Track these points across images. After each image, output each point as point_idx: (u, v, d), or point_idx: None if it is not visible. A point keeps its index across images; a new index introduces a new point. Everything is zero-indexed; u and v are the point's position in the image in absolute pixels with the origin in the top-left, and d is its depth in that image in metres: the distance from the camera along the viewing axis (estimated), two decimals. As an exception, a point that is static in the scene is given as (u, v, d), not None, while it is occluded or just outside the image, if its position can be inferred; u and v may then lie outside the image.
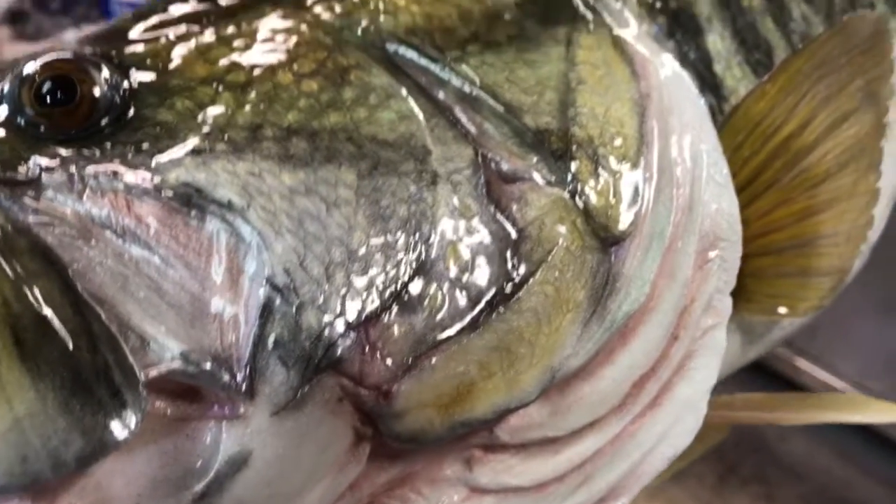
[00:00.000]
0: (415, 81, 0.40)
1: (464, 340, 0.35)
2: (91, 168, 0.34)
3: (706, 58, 0.53)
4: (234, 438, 0.33)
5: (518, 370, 0.36)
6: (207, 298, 0.33)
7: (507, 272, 0.37)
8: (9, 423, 0.28)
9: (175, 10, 0.43)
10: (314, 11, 0.42)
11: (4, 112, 0.36)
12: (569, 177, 0.39)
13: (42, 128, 0.35)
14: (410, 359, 0.35)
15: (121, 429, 0.30)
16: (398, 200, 0.36)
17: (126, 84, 0.37)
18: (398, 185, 0.36)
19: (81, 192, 0.34)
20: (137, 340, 0.32)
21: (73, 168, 0.34)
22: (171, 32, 0.40)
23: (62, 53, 0.37)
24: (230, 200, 0.34)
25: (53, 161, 0.34)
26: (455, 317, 0.35)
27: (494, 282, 0.36)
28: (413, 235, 0.36)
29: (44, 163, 0.34)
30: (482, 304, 0.36)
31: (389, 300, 0.35)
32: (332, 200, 0.35)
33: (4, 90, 0.36)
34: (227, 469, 0.33)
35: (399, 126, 0.38)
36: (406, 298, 0.35)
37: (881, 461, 1.21)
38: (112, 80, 0.36)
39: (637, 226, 0.39)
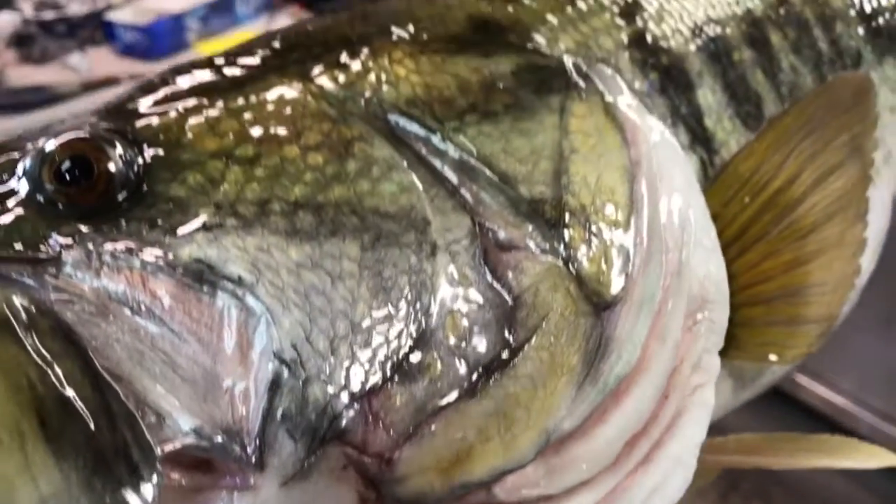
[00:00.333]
0: (415, 152, 0.41)
1: (462, 407, 0.37)
2: (108, 245, 0.36)
3: (697, 112, 0.54)
4: None
5: (515, 433, 0.38)
6: (219, 373, 0.35)
7: (504, 339, 0.38)
8: (35, 503, 0.30)
9: (185, 81, 0.44)
10: (319, 82, 0.43)
11: (25, 188, 0.38)
12: (562, 244, 0.41)
13: (61, 204, 0.37)
14: (411, 426, 0.36)
15: (139, 503, 0.32)
16: (399, 272, 0.38)
17: (140, 160, 0.39)
18: (399, 257, 0.38)
19: (99, 269, 0.36)
20: (153, 416, 0.34)
21: (91, 245, 0.36)
22: (182, 105, 0.42)
23: (79, 133, 0.39)
24: (240, 276, 0.36)
25: (72, 238, 0.36)
26: (454, 384, 0.37)
27: (492, 349, 0.38)
28: (414, 306, 0.37)
29: (63, 240, 0.36)
30: (480, 371, 0.38)
31: (391, 371, 0.36)
32: (337, 274, 0.37)
33: (26, 168, 0.38)
34: None
35: (400, 198, 0.39)
36: (407, 368, 0.37)
37: (882, 478, 1.22)
38: (127, 157, 0.38)
39: (628, 291, 0.41)
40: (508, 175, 0.42)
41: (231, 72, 0.44)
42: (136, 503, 0.32)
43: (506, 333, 0.38)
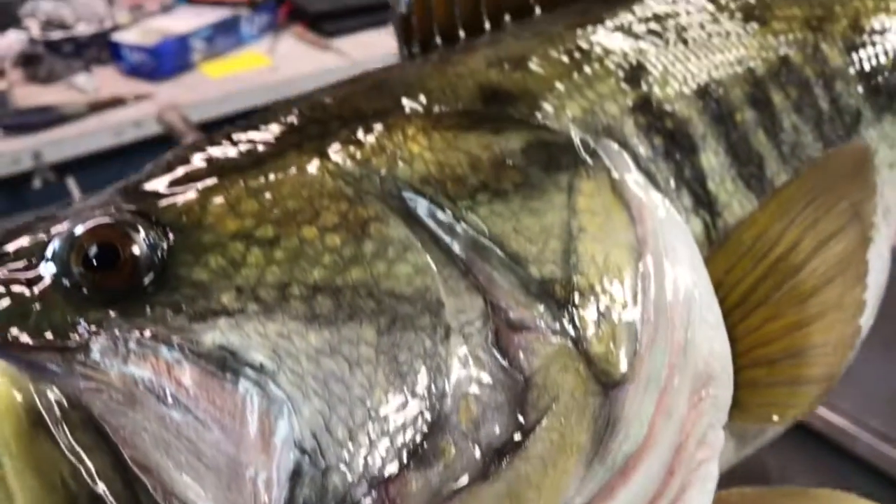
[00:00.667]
0: (429, 231, 0.42)
1: (476, 490, 0.38)
2: (135, 332, 0.37)
3: (700, 175, 0.55)
4: None
5: None
6: (242, 461, 0.36)
7: (516, 421, 0.39)
8: None
9: (205, 158, 0.45)
10: (336, 159, 0.44)
11: (53, 273, 0.39)
12: (572, 324, 0.42)
13: (88, 289, 0.38)
14: None
15: None
16: (415, 356, 0.39)
17: (164, 243, 0.40)
18: (415, 341, 0.39)
19: (126, 357, 0.37)
20: None
21: (118, 331, 0.37)
22: (203, 184, 0.43)
23: (105, 219, 0.40)
24: (262, 364, 0.37)
25: (100, 325, 0.37)
26: (467, 468, 0.38)
27: (504, 431, 0.39)
28: (429, 391, 0.38)
29: (91, 327, 0.37)
30: (493, 454, 0.39)
31: (407, 457, 0.37)
32: (355, 360, 0.38)
33: (54, 252, 0.39)
34: None
35: (415, 279, 0.41)
36: (422, 454, 0.38)
37: (883, 497, 1.23)
38: (151, 241, 0.39)
39: (635, 369, 0.42)
40: (519, 255, 0.43)
41: (251, 148, 0.46)
42: None
43: (517, 415, 0.39)
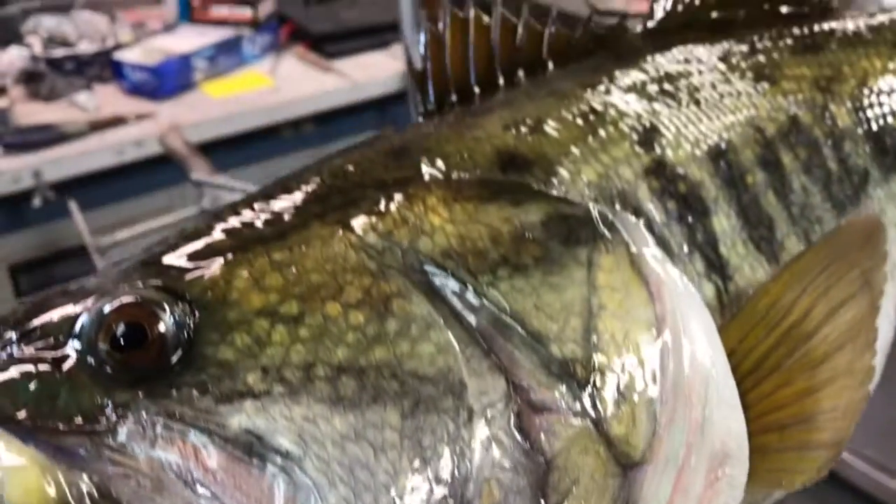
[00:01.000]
0: (451, 307, 0.43)
1: None
2: (162, 415, 0.37)
3: (713, 239, 0.56)
4: None
5: None
6: None
7: None
8: None
9: (228, 229, 0.45)
10: (358, 231, 0.45)
11: (79, 351, 0.39)
12: (592, 405, 0.42)
13: (116, 369, 0.38)
14: None
15: None
16: (438, 440, 0.39)
17: (190, 320, 0.40)
18: (438, 424, 0.39)
19: (154, 441, 0.37)
20: None
21: (146, 414, 0.37)
22: (227, 257, 0.43)
23: (131, 297, 0.40)
24: (288, 450, 0.37)
25: (128, 407, 0.37)
26: None
27: None
28: (452, 476, 0.39)
29: (119, 410, 0.37)
30: None
31: None
32: (380, 445, 0.38)
33: (81, 332, 0.39)
34: None
35: (438, 359, 0.41)
36: None
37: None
38: (178, 319, 0.39)
39: (654, 450, 0.43)
40: (541, 333, 0.43)
41: (274, 218, 0.46)
42: None
43: (539, 499, 0.40)
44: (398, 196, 0.47)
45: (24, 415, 0.37)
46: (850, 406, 0.54)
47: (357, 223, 0.45)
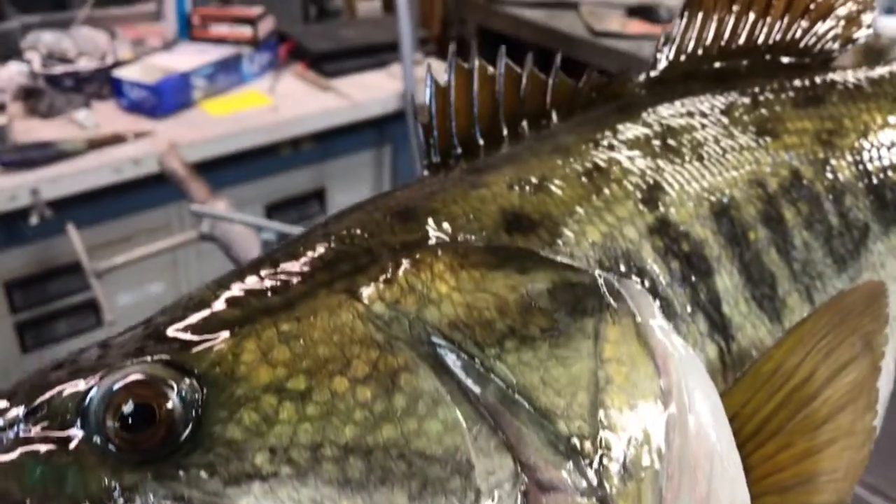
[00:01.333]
0: (458, 382, 0.43)
1: None
2: (170, 498, 0.37)
3: (716, 299, 0.56)
4: None
5: None
6: None
7: None
8: None
9: (234, 298, 0.45)
10: (366, 300, 0.45)
11: (86, 431, 0.39)
12: (599, 483, 0.42)
13: (123, 450, 0.38)
14: None
15: None
16: None
17: (198, 397, 0.40)
18: None
19: None
20: None
21: (154, 498, 0.37)
22: (234, 329, 0.43)
23: (139, 375, 0.40)
24: None
25: (136, 490, 0.37)
26: None
27: None
28: None
29: (128, 494, 0.37)
30: None
31: None
32: None
33: (88, 410, 0.39)
34: None
35: (445, 438, 0.41)
36: None
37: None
38: (186, 397, 0.39)
39: None
40: (548, 409, 0.43)
41: (281, 286, 0.46)
42: None
43: None
44: (405, 262, 0.47)
45: (33, 500, 0.37)
46: (851, 467, 0.54)
47: (364, 292, 0.45)
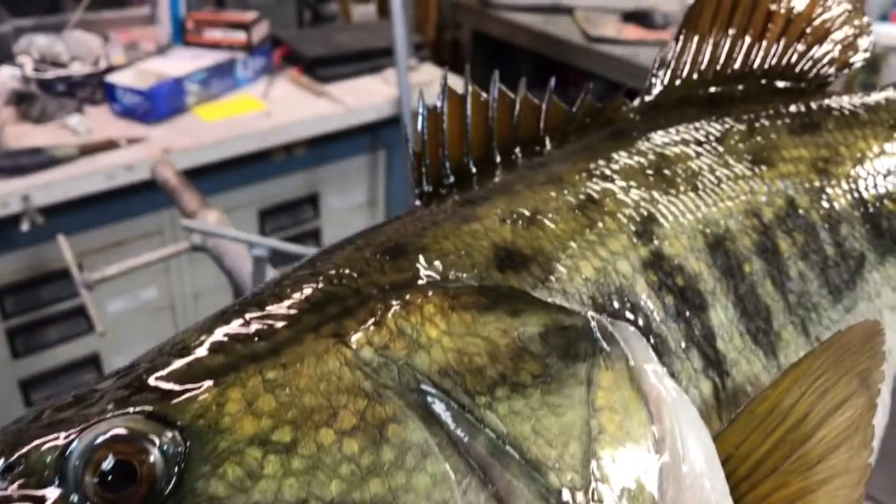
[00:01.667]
0: (447, 432, 0.41)
1: None
2: None
3: (710, 334, 0.55)
4: None
5: None
6: None
7: None
8: None
9: (218, 344, 0.44)
10: (353, 345, 0.43)
11: (64, 489, 0.38)
12: None
13: None
14: None
15: None
16: None
17: (181, 450, 0.39)
18: None
19: None
20: None
21: None
22: (218, 378, 0.42)
23: (120, 430, 0.39)
24: None
25: None
26: None
27: None
28: None
29: None
30: None
31: None
32: None
33: (67, 467, 0.38)
34: None
35: (434, 492, 0.39)
36: None
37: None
38: (169, 451, 0.38)
39: None
40: (539, 461, 0.42)
41: (266, 331, 0.45)
42: None
43: None
44: (395, 304, 0.46)
45: None
46: None
47: (353, 337, 0.44)
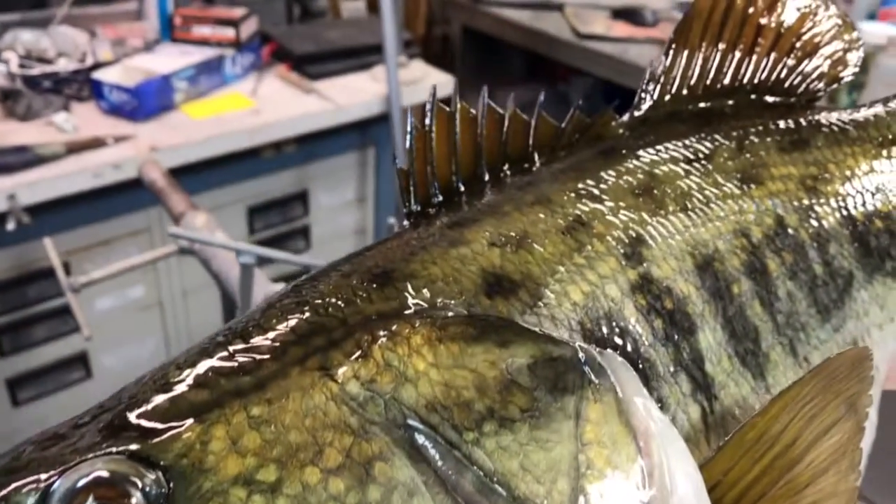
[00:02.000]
0: (435, 470, 0.41)
1: None
2: None
3: (699, 357, 0.55)
4: None
5: None
6: None
7: None
8: None
9: (202, 378, 0.44)
10: (339, 379, 0.43)
11: None
12: None
13: None
14: None
15: None
16: None
17: (164, 491, 0.38)
18: None
19: None
20: None
21: None
22: (202, 415, 0.41)
23: (102, 472, 0.38)
24: None
25: None
26: None
27: None
28: None
29: None
30: None
31: None
32: None
33: None
34: None
35: None
36: None
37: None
38: (152, 493, 0.38)
39: None
40: (527, 497, 0.42)
41: (251, 364, 0.44)
42: None
43: None
44: (381, 336, 0.46)
45: None
46: None
47: (339, 371, 0.44)
